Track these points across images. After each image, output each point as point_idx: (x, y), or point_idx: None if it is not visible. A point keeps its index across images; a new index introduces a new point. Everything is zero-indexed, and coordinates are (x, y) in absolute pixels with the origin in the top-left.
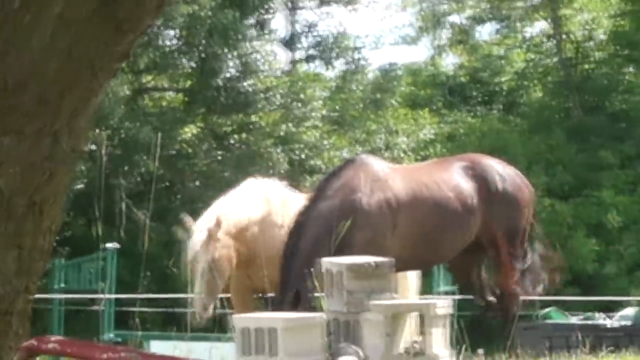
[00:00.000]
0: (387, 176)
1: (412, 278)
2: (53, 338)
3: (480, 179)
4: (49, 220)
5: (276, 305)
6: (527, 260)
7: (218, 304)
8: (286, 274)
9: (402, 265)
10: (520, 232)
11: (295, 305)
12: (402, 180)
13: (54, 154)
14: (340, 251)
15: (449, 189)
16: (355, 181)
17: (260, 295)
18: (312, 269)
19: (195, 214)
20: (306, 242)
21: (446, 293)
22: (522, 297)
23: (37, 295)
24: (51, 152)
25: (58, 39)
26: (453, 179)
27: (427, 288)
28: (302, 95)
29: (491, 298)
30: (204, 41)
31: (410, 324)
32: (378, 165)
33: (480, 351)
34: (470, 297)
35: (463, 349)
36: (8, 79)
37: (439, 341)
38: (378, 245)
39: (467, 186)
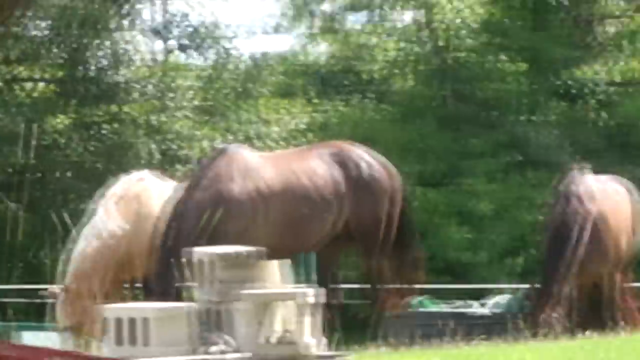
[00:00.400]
0: (257, 165)
1: (281, 267)
2: None
3: (348, 166)
4: None
5: (155, 295)
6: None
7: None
8: (163, 264)
9: (272, 253)
10: (387, 220)
11: (173, 295)
12: (273, 169)
13: None
14: (214, 241)
15: (318, 178)
16: (226, 171)
17: (132, 285)
18: (186, 260)
19: (67, 205)
20: (182, 233)
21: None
22: (393, 286)
23: None
24: None
25: None
26: (321, 167)
27: (302, 277)
28: (173, 85)
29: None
30: (75, 32)
31: (282, 312)
32: (248, 154)
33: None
34: (345, 286)
35: (335, 337)
36: None
37: (311, 330)
38: (249, 233)
39: (335, 174)
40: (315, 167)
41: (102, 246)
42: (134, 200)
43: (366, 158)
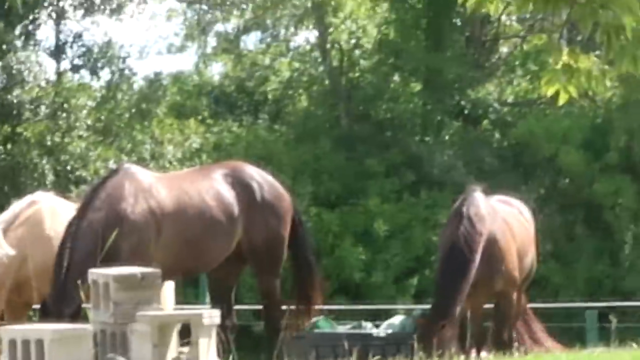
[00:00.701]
0: (151, 185)
1: (169, 288)
2: None
3: (241, 187)
4: None
5: (51, 317)
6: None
7: None
8: (58, 286)
9: (167, 273)
10: (281, 240)
11: (69, 317)
12: (166, 189)
13: None
14: (108, 261)
15: (211, 198)
16: (120, 191)
17: (29, 308)
18: (82, 281)
19: None
20: (76, 254)
21: None
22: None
23: None
24: None
25: None
26: (214, 187)
27: (193, 298)
28: (67, 105)
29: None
30: None
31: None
32: (142, 174)
33: None
34: (241, 307)
35: (231, 358)
36: None
37: (207, 351)
38: (143, 254)
39: (228, 195)
40: (209, 187)
41: None
42: (25, 224)
43: (258, 178)
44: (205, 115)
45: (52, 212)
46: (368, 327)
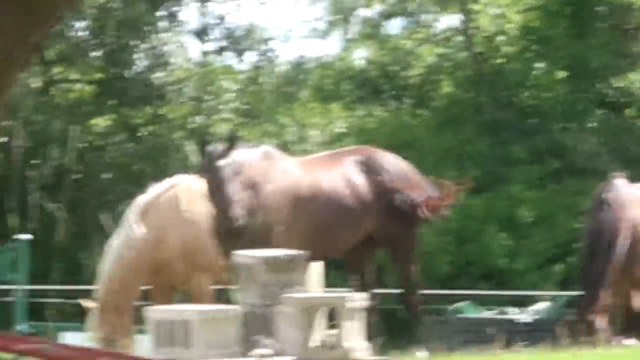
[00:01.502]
0: (285, 168)
1: (317, 271)
2: None
3: (373, 174)
4: None
5: None
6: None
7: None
8: None
9: None
10: (413, 228)
11: None
12: (302, 174)
13: None
14: (248, 242)
15: (343, 185)
16: (260, 172)
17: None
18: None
19: (107, 206)
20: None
21: None
22: (433, 292)
23: None
24: None
25: None
26: (347, 175)
27: (340, 281)
28: (213, 88)
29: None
30: (114, 33)
31: (323, 316)
32: (279, 156)
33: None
34: (386, 290)
35: (378, 341)
36: None
37: (354, 334)
38: (284, 237)
39: (360, 182)
40: (341, 174)
41: (128, 259)
42: (164, 207)
43: (390, 166)
44: (349, 99)
45: (191, 195)
46: (512, 313)
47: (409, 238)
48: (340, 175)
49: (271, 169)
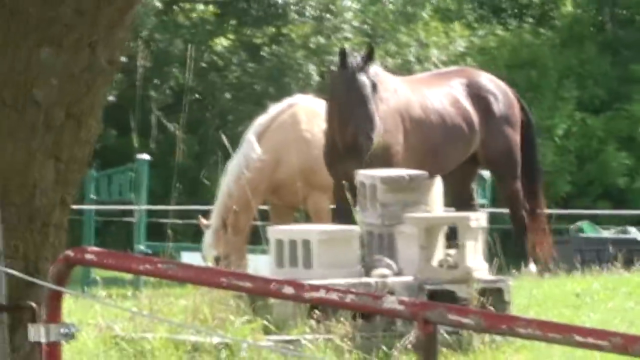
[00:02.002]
0: (396, 88)
1: (438, 190)
2: (90, 249)
3: (478, 97)
4: (86, 132)
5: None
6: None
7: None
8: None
9: None
10: (516, 147)
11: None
12: (410, 93)
13: (92, 66)
14: (370, 164)
15: (450, 105)
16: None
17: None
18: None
19: (226, 127)
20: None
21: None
22: (553, 211)
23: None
24: (89, 64)
25: None
26: (454, 95)
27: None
28: (333, 7)
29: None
30: None
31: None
32: (386, 76)
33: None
34: (503, 210)
35: (496, 261)
36: None
37: (473, 254)
38: (392, 156)
39: (466, 103)
40: (448, 94)
41: (247, 178)
42: (282, 127)
43: (493, 88)
44: (470, 19)
45: (310, 114)
46: (633, 232)
47: (512, 158)
48: (448, 94)
49: (382, 89)
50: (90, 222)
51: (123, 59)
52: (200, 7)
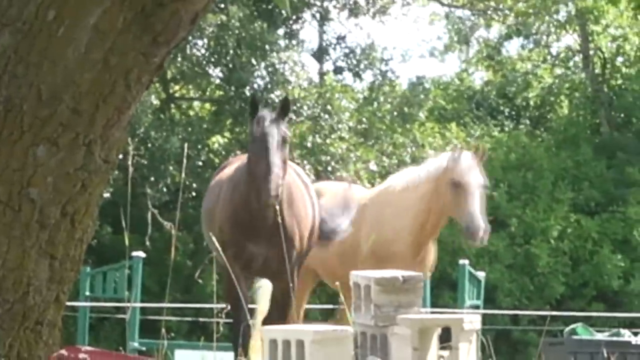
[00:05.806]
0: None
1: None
2: (83, 348)
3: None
4: (81, 231)
5: None
6: None
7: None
8: None
9: None
10: None
11: None
12: None
13: (88, 165)
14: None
15: None
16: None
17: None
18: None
19: None
20: None
21: (471, 307)
22: (546, 313)
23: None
24: (84, 162)
25: (93, 50)
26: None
27: (452, 301)
28: (330, 107)
29: None
30: (232, 51)
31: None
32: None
33: None
34: (496, 311)
35: None
36: (42, 89)
37: (466, 356)
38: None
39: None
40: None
41: None
42: None
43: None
44: (467, 120)
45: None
46: (626, 335)
47: None
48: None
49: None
50: (84, 319)
51: (120, 156)
52: (197, 105)
